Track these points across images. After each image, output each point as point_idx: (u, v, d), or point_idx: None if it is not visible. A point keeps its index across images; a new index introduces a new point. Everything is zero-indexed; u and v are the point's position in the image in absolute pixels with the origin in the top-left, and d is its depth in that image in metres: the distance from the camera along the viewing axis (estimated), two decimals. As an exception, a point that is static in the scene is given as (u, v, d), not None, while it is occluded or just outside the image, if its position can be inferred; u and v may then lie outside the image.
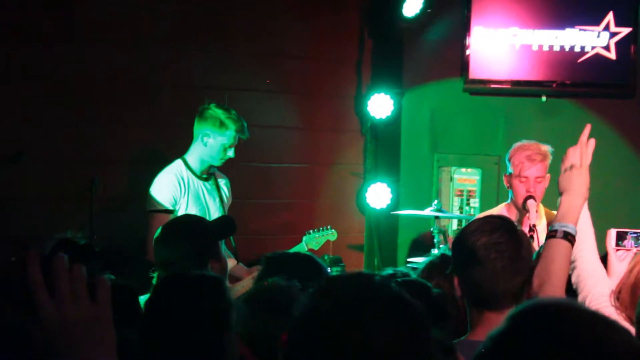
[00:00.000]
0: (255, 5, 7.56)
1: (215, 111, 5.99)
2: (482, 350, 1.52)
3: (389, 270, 3.99)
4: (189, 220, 4.64)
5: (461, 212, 7.68)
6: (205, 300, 2.74)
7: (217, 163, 6.07)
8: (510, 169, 5.63)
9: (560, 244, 3.11)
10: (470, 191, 7.80)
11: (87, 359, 1.62)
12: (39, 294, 1.61)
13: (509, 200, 5.73)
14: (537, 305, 1.55)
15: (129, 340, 2.55)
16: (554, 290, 3.01)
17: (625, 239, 3.83)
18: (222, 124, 5.97)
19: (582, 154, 3.31)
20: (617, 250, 3.78)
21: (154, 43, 7.09)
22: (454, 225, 7.55)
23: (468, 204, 7.78)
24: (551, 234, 3.14)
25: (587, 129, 3.37)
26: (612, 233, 3.84)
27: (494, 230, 2.99)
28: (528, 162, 5.53)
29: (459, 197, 7.80)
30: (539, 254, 3.19)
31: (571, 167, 3.34)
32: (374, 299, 1.79)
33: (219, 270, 4.19)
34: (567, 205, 3.25)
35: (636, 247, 3.81)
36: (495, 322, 2.94)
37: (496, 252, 2.94)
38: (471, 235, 3.01)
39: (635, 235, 3.84)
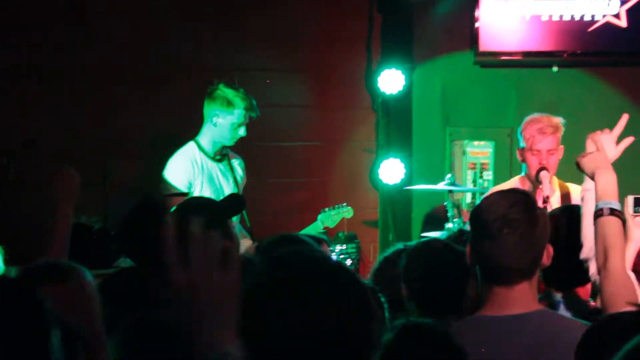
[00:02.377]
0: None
1: (224, 90, 6.00)
2: None
3: (399, 246, 4.01)
4: (197, 201, 4.66)
5: (475, 185, 7.67)
6: None
7: (229, 143, 6.08)
8: (522, 143, 5.62)
9: (611, 220, 3.15)
10: (483, 164, 7.78)
11: (211, 327, 1.63)
12: (170, 258, 1.62)
13: (522, 174, 5.72)
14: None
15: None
16: (616, 265, 3.06)
17: None
18: (230, 103, 5.98)
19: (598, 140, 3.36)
20: (635, 216, 3.77)
21: (164, 24, 7.10)
22: (468, 198, 7.54)
23: (481, 177, 7.77)
24: (598, 213, 3.16)
25: (624, 119, 3.41)
26: (629, 200, 3.82)
27: (511, 205, 2.98)
28: (540, 135, 5.52)
29: (472, 170, 7.78)
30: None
31: (592, 151, 3.38)
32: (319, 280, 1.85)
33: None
34: (604, 182, 3.29)
35: None
36: (505, 297, 2.96)
37: (509, 227, 2.94)
38: (488, 208, 3.01)
39: None
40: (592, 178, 3.32)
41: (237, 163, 6.30)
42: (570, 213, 3.62)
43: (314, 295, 1.84)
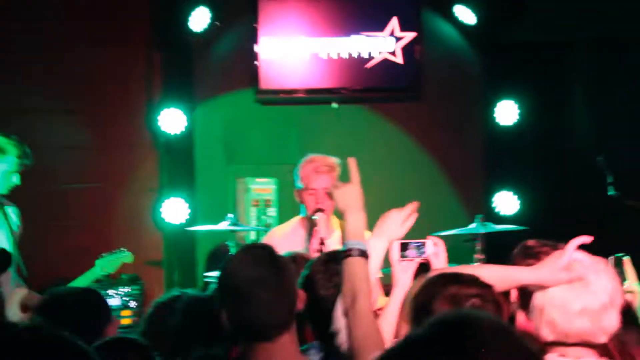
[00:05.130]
0: (40, 15, 7.40)
1: (-5, 139, 5.82)
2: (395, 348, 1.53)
3: (174, 292, 3.98)
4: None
5: (259, 222, 7.70)
6: None
7: (3, 191, 5.89)
8: (299, 183, 5.69)
9: (359, 261, 3.14)
10: (267, 200, 7.83)
11: None
12: None
13: (302, 214, 5.79)
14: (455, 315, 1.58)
15: None
16: (364, 306, 3.05)
17: (408, 249, 3.90)
18: (2, 151, 5.80)
19: (352, 172, 3.36)
20: (402, 261, 3.84)
21: None
22: (252, 235, 7.56)
23: (265, 214, 7.81)
24: (347, 254, 3.16)
25: (353, 164, 3.40)
26: (395, 245, 3.90)
27: (256, 264, 3.02)
28: (315, 174, 5.61)
29: (256, 207, 7.81)
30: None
31: (346, 184, 3.36)
32: None
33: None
34: (352, 223, 3.27)
35: (418, 256, 3.88)
36: (267, 352, 2.98)
37: (260, 286, 2.97)
38: (234, 270, 3.04)
39: (417, 244, 3.90)
40: (341, 213, 3.33)
41: (11, 210, 6.10)
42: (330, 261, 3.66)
43: None
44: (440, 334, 1.52)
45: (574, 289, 3.01)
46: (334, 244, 5.49)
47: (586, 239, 3.13)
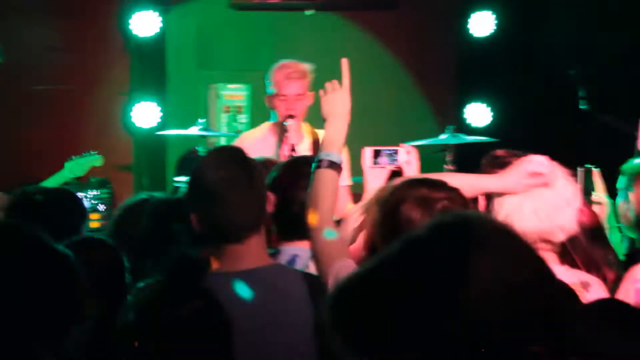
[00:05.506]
0: None
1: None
2: (398, 250, 1.50)
3: (142, 195, 3.94)
4: None
5: (229, 129, 7.66)
6: None
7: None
8: (270, 89, 5.65)
9: (326, 173, 3.12)
10: (238, 107, 7.78)
11: None
12: None
13: (273, 120, 5.76)
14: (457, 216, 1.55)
15: None
16: (322, 220, 3.05)
17: (381, 156, 3.89)
18: None
19: (343, 75, 3.32)
20: (373, 168, 3.84)
21: None
22: (223, 142, 7.53)
23: (236, 121, 7.77)
24: (318, 164, 3.14)
25: (345, 65, 3.35)
26: (367, 151, 3.89)
27: (225, 165, 3.00)
28: (286, 80, 5.56)
29: (227, 113, 7.77)
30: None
31: (336, 90, 3.32)
32: None
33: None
34: (331, 132, 3.24)
35: (390, 163, 3.88)
36: (236, 253, 2.98)
37: (229, 186, 2.96)
38: (203, 171, 3.02)
39: (389, 152, 3.90)
40: (324, 119, 3.29)
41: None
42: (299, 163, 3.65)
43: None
44: (441, 235, 1.49)
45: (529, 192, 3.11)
46: (304, 150, 5.48)
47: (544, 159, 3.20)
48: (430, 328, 1.42)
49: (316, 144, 5.67)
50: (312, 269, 3.30)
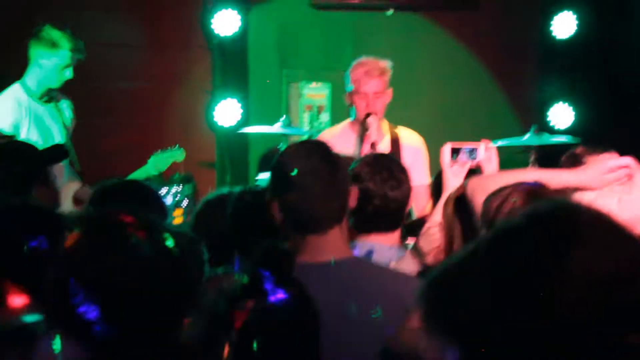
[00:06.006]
0: None
1: (49, 32, 5.85)
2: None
3: (223, 190, 3.99)
4: (15, 144, 4.53)
5: (311, 128, 7.71)
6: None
7: (56, 85, 5.95)
8: (349, 86, 5.67)
9: None
10: (319, 106, 7.82)
11: None
12: None
13: (352, 118, 5.78)
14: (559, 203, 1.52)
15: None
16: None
17: (460, 153, 3.89)
18: (55, 44, 5.85)
19: None
20: (453, 165, 3.83)
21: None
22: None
23: (318, 119, 7.81)
24: None
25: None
26: (446, 149, 3.89)
27: (310, 156, 3.02)
28: (366, 77, 5.58)
29: (309, 112, 7.81)
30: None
31: None
32: None
33: (48, 196, 4.11)
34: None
35: (470, 160, 3.87)
36: (317, 244, 3.00)
37: (312, 176, 2.98)
38: (288, 161, 3.04)
39: (469, 149, 3.89)
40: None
41: (65, 105, 6.16)
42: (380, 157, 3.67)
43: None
44: (539, 224, 1.44)
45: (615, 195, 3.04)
46: (384, 148, 5.49)
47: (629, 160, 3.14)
48: (525, 321, 1.38)
49: (395, 141, 5.68)
50: (392, 265, 3.32)
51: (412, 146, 5.74)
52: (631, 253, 1.41)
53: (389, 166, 3.48)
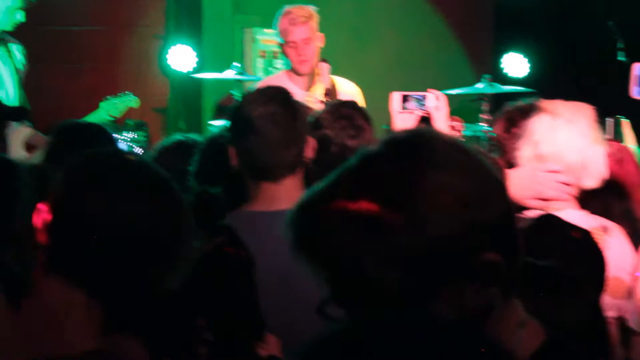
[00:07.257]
0: None
1: (-2, -26, 5.75)
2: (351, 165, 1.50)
3: (177, 136, 3.96)
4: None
5: (265, 74, 7.66)
6: None
7: (7, 27, 5.85)
8: (280, 37, 5.66)
9: None
10: (274, 52, 7.77)
11: None
12: None
13: (287, 68, 5.76)
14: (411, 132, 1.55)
15: None
16: None
17: (409, 101, 3.92)
18: None
19: None
20: (402, 113, 3.86)
21: None
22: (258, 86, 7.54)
23: (272, 65, 7.77)
24: None
25: None
26: (395, 96, 3.92)
27: (270, 101, 3.01)
28: (291, 26, 5.58)
29: (263, 58, 7.76)
30: None
31: None
32: None
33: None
34: None
35: (419, 108, 3.90)
36: (272, 192, 3.00)
37: (272, 122, 2.97)
38: (248, 106, 3.02)
39: (418, 97, 3.92)
40: None
41: (15, 48, 6.06)
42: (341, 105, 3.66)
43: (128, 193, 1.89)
44: (395, 150, 1.48)
45: None
46: (319, 95, 5.44)
47: None
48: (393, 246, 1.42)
49: (332, 89, 5.67)
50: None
51: (348, 94, 5.73)
52: (485, 176, 1.46)
53: (349, 114, 3.48)
